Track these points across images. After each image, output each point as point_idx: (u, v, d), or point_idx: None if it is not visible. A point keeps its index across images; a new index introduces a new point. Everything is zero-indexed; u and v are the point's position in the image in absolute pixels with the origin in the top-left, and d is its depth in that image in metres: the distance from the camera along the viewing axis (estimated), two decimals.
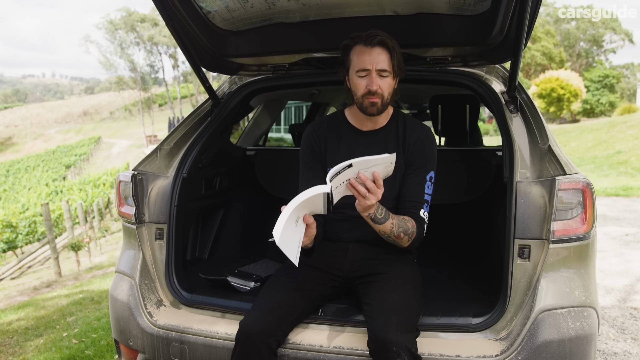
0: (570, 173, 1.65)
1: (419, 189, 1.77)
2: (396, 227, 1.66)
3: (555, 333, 1.55)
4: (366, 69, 1.70)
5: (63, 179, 37.74)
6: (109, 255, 11.09)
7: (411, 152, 1.81)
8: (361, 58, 1.70)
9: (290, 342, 1.70)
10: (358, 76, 1.73)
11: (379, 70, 1.70)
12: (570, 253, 1.62)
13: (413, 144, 1.81)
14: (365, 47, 1.70)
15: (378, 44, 1.69)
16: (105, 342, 3.33)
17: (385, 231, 1.65)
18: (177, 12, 1.94)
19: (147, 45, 53.56)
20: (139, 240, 2.05)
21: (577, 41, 51.06)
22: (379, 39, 1.69)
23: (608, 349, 2.97)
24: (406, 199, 1.79)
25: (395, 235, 1.67)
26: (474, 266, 2.34)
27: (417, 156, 1.80)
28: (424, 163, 1.80)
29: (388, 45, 1.70)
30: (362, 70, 1.71)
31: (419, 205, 1.76)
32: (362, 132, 1.87)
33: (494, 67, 2.18)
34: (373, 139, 1.85)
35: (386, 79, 1.72)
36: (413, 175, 1.79)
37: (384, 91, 1.72)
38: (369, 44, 1.69)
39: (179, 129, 2.28)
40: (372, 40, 1.69)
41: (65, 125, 74.64)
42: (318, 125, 1.94)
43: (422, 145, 1.81)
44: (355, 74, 1.73)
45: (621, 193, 9.65)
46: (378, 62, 1.69)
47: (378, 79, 1.70)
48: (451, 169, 2.68)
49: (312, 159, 1.89)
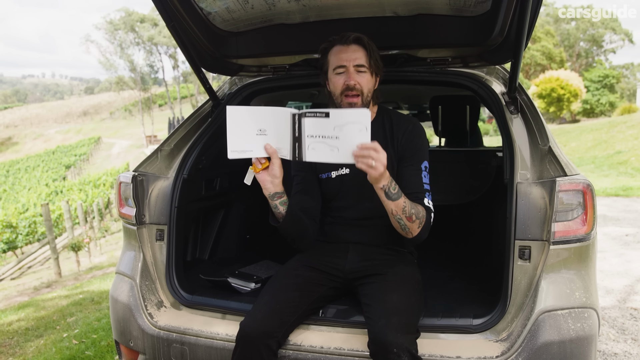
0: (571, 174, 1.65)
1: (417, 180, 1.77)
2: (409, 207, 1.64)
3: (556, 334, 1.55)
4: (343, 65, 1.73)
5: (63, 179, 37.75)
6: (109, 256, 11.09)
7: (400, 145, 1.81)
8: (338, 56, 1.74)
9: (290, 343, 1.70)
10: (336, 74, 1.75)
11: (356, 66, 1.72)
12: (571, 254, 1.62)
13: (401, 137, 1.82)
14: (341, 45, 1.74)
15: (354, 42, 1.73)
16: (105, 343, 3.32)
17: (398, 209, 1.62)
18: (177, 13, 1.94)
19: (146, 46, 53.57)
20: (140, 241, 2.06)
21: (577, 41, 51.08)
22: (354, 37, 1.73)
23: (608, 349, 2.97)
24: (407, 192, 1.76)
25: (407, 217, 1.64)
26: (474, 267, 2.34)
27: (407, 148, 1.81)
28: (415, 153, 1.80)
29: (364, 42, 1.74)
30: (340, 67, 1.74)
31: (421, 195, 1.75)
32: None
33: (494, 68, 2.18)
34: None
35: (364, 75, 1.74)
36: (408, 167, 1.79)
37: (363, 87, 1.73)
38: (345, 42, 1.74)
39: (179, 130, 2.28)
40: (348, 39, 1.73)
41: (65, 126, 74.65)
42: None
43: (411, 136, 1.82)
44: (333, 72, 1.76)
45: (621, 193, 9.65)
46: (355, 58, 1.72)
47: (356, 75, 1.73)
48: (451, 169, 2.68)
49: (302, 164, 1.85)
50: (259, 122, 1.58)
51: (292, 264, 1.89)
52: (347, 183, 1.83)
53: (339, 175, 1.84)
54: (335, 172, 1.85)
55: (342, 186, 1.84)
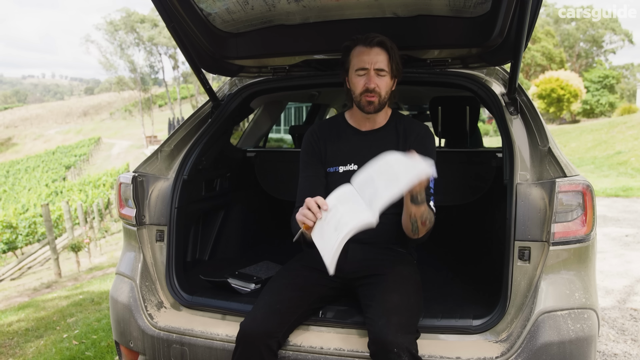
0: (570, 175, 1.65)
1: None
2: (426, 212, 1.68)
3: (556, 335, 1.55)
4: (364, 67, 1.76)
5: (63, 180, 37.75)
6: (108, 256, 11.09)
7: (411, 147, 1.81)
8: (360, 58, 1.77)
9: (290, 344, 1.70)
10: (357, 75, 1.79)
11: (377, 70, 1.76)
12: (571, 255, 1.62)
13: (413, 140, 1.86)
14: (364, 47, 1.77)
15: (377, 45, 1.76)
16: (105, 344, 3.33)
17: (417, 214, 1.66)
18: (177, 14, 1.94)
19: (147, 46, 53.55)
20: (140, 242, 2.06)
21: (576, 42, 51.09)
22: (378, 40, 1.76)
23: (608, 350, 2.98)
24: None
25: (422, 221, 1.69)
26: (473, 268, 2.34)
27: (418, 150, 1.79)
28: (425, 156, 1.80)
29: (387, 46, 1.76)
30: (361, 69, 1.77)
31: (427, 198, 1.76)
32: (361, 132, 1.92)
33: (494, 69, 2.18)
34: (372, 138, 1.90)
35: (384, 78, 1.78)
36: None
37: (381, 90, 1.78)
38: (368, 44, 1.76)
39: (179, 130, 2.28)
40: (372, 41, 1.76)
41: (65, 126, 74.65)
42: (318, 126, 2.00)
43: (423, 141, 1.87)
44: (355, 73, 1.80)
45: (621, 194, 9.65)
46: (376, 62, 1.75)
47: (376, 78, 1.77)
48: (451, 170, 2.68)
49: (312, 156, 1.93)
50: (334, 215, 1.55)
51: (291, 265, 1.90)
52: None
53: (346, 171, 1.86)
54: (343, 167, 1.88)
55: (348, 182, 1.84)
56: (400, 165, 1.49)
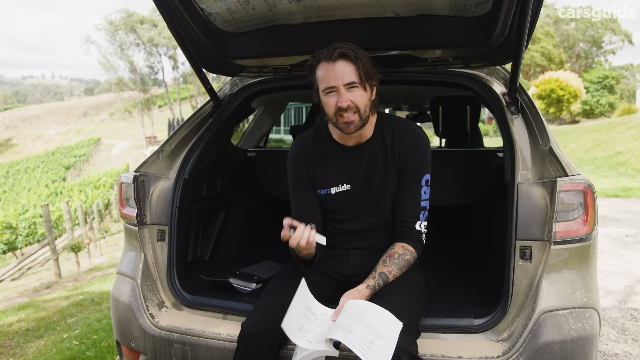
0: (572, 174, 1.65)
1: (415, 197, 1.74)
2: (397, 271, 1.69)
3: (557, 334, 1.55)
4: (332, 86, 1.60)
5: (63, 180, 37.74)
6: (108, 257, 11.08)
7: (402, 159, 1.75)
8: (325, 76, 1.61)
9: (291, 344, 1.70)
10: (326, 95, 1.63)
11: (346, 85, 1.59)
12: (572, 254, 1.62)
13: (404, 151, 1.74)
14: (327, 63, 1.60)
15: (339, 57, 1.59)
16: (106, 344, 3.33)
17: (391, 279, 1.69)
18: (178, 13, 1.94)
19: (147, 47, 53.54)
20: (141, 242, 2.06)
21: (576, 42, 51.10)
22: (339, 52, 1.59)
23: (609, 349, 2.98)
24: (402, 210, 1.76)
25: (401, 274, 1.70)
26: (475, 267, 2.34)
27: (410, 163, 1.75)
28: (417, 168, 1.75)
29: (350, 57, 1.59)
30: (329, 88, 1.61)
31: (415, 215, 1.74)
32: (348, 149, 1.79)
33: (495, 69, 2.19)
34: (361, 153, 1.78)
35: (357, 91, 1.61)
36: (408, 183, 1.76)
37: (358, 104, 1.61)
38: (330, 59, 1.59)
39: (180, 130, 2.28)
40: (333, 55, 1.59)
41: (65, 127, 74.67)
42: (302, 144, 1.85)
43: (415, 150, 1.74)
44: (323, 92, 1.64)
45: (621, 194, 9.66)
46: (343, 76, 1.59)
47: (348, 94, 1.60)
48: (452, 170, 2.68)
49: (300, 180, 1.83)
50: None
51: (293, 265, 1.89)
52: (348, 199, 1.80)
53: (339, 192, 1.80)
54: (335, 188, 1.80)
55: (343, 201, 1.81)
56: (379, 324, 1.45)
